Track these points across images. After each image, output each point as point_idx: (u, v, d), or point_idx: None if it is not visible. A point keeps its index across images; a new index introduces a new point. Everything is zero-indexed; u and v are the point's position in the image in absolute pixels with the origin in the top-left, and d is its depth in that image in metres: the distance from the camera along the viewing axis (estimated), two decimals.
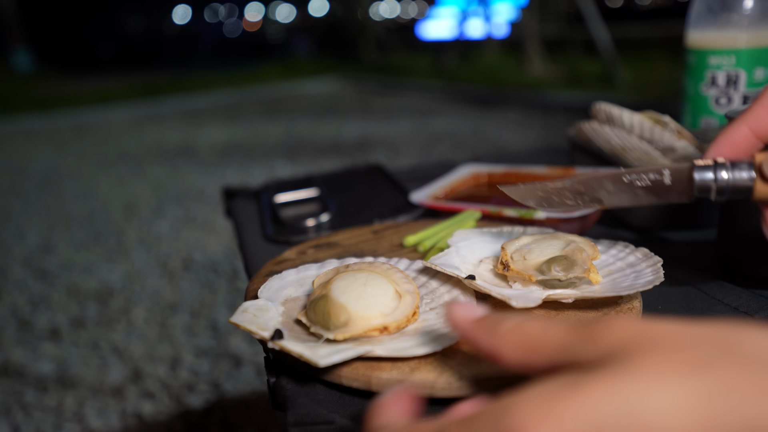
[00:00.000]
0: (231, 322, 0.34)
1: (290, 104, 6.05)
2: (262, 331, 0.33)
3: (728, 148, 0.31)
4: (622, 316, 0.21)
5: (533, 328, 0.23)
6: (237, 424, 1.32)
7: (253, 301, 0.36)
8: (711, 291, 0.42)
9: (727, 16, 0.59)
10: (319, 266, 0.42)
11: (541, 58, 6.10)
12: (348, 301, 0.34)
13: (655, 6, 9.64)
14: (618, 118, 0.60)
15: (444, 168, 0.77)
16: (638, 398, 0.18)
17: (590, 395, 0.18)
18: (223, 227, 2.53)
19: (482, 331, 0.25)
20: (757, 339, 0.19)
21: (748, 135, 0.30)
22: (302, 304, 0.38)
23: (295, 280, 0.41)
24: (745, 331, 0.19)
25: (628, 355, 0.19)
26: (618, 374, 0.19)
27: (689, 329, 0.20)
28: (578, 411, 0.18)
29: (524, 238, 0.41)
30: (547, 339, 0.22)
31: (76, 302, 1.93)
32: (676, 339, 0.20)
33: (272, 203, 0.67)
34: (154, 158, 3.98)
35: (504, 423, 0.19)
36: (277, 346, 0.32)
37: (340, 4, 11.39)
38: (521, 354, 0.23)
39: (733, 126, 0.31)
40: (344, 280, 0.36)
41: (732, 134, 0.31)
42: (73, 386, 1.48)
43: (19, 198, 3.25)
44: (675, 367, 0.18)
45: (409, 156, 3.54)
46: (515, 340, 0.23)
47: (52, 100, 6.86)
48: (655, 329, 0.20)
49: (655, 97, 4.14)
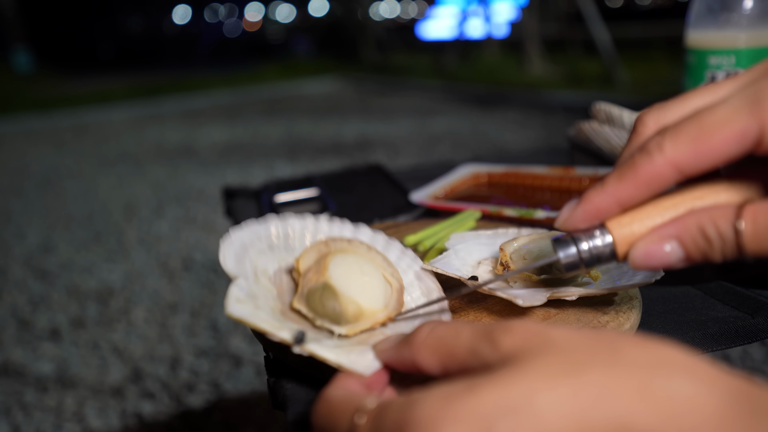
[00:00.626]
0: (233, 317, 0.29)
1: (290, 104, 6.05)
2: (278, 331, 0.29)
3: (593, 218, 0.30)
4: (523, 319, 0.23)
5: (444, 332, 0.24)
6: (237, 424, 1.32)
7: (238, 284, 0.31)
8: (710, 291, 0.42)
9: (727, 16, 0.59)
10: (282, 220, 0.39)
11: (541, 58, 6.10)
12: (355, 294, 0.33)
13: (655, 6, 9.64)
14: (618, 118, 0.60)
15: (444, 168, 0.77)
16: (524, 398, 0.19)
17: (483, 395, 0.20)
18: (223, 227, 2.53)
19: (399, 348, 0.26)
20: (632, 346, 0.21)
21: (612, 206, 0.30)
22: (286, 282, 0.35)
23: (258, 238, 0.36)
24: (623, 338, 0.21)
25: (521, 357, 0.21)
26: (509, 375, 0.20)
27: (576, 335, 0.22)
28: (472, 410, 0.20)
29: (521, 238, 0.41)
30: (458, 343, 0.23)
31: (76, 302, 1.93)
32: (564, 343, 0.21)
33: (272, 203, 0.67)
34: (154, 158, 3.98)
35: (406, 417, 0.20)
36: (305, 352, 0.29)
37: (340, 4, 11.39)
38: (438, 360, 0.24)
39: (601, 194, 0.29)
40: (339, 266, 0.34)
41: (598, 203, 0.30)
42: (73, 386, 1.48)
43: (19, 198, 3.25)
44: (559, 369, 0.20)
45: (409, 156, 3.54)
46: (430, 346, 0.24)
47: (52, 100, 6.86)
48: (548, 334, 0.22)
49: (655, 97, 4.11)
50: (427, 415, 0.20)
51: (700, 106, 0.29)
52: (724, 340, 0.36)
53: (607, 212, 0.30)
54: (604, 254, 0.30)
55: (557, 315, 0.37)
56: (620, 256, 0.30)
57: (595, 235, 0.30)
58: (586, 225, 0.30)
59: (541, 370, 0.20)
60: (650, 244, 0.29)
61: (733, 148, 0.27)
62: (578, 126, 0.66)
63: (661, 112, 0.31)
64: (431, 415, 0.20)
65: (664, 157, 0.27)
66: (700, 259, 0.28)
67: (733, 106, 0.26)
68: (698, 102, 0.30)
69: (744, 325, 0.37)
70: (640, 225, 0.30)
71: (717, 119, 0.27)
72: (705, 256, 0.28)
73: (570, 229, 0.31)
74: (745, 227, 0.26)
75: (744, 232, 0.26)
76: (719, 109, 0.27)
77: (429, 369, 0.25)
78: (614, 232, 0.30)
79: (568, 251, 0.31)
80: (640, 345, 0.21)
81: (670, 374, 0.19)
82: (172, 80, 8.24)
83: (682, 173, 0.28)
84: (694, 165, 0.27)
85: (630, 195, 0.29)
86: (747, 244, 0.26)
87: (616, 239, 0.30)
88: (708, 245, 0.28)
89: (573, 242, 0.31)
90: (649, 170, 0.28)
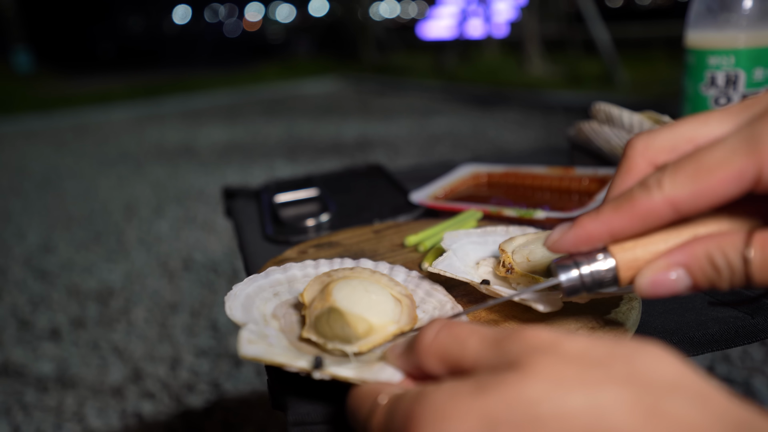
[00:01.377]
0: (247, 357, 0.30)
1: (290, 104, 6.05)
2: (295, 361, 0.29)
3: (584, 244, 0.30)
4: (533, 327, 0.22)
5: (449, 340, 0.24)
6: (237, 424, 1.32)
7: (247, 328, 0.32)
8: (710, 291, 0.42)
9: (727, 16, 0.59)
10: (283, 270, 0.40)
11: (541, 58, 6.10)
12: (362, 311, 0.33)
13: (655, 6, 9.64)
14: (618, 118, 0.60)
15: (444, 168, 0.77)
16: (530, 403, 0.20)
17: (489, 396, 0.20)
18: (223, 227, 2.53)
19: (407, 355, 0.27)
20: (649, 361, 0.21)
21: (604, 235, 0.30)
22: (295, 320, 0.36)
23: (261, 289, 0.38)
24: (639, 352, 0.21)
25: (530, 362, 0.21)
26: (516, 378, 0.20)
27: (593, 348, 0.21)
28: (477, 409, 0.20)
29: (519, 237, 0.41)
30: (465, 353, 0.23)
31: (76, 302, 1.93)
32: (579, 355, 0.21)
33: (272, 203, 0.67)
34: (154, 158, 3.98)
35: (415, 408, 0.21)
36: (327, 376, 0.29)
37: (340, 4, 11.39)
38: (445, 368, 0.24)
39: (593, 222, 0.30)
40: (343, 289, 0.34)
41: (590, 230, 0.30)
42: (73, 386, 1.48)
43: (19, 198, 3.25)
44: (572, 379, 0.20)
45: (409, 156, 3.54)
46: (436, 354, 0.25)
47: (52, 100, 6.86)
48: (562, 344, 0.22)
49: (655, 97, 4.14)
50: (433, 410, 0.21)
51: (689, 135, 0.29)
52: (724, 341, 0.36)
53: (598, 240, 0.30)
54: (606, 279, 0.30)
55: (557, 314, 0.37)
56: (623, 281, 0.30)
57: (597, 258, 0.30)
58: (575, 250, 0.30)
59: (551, 377, 0.20)
60: (657, 272, 0.28)
61: (730, 189, 0.27)
62: (578, 126, 0.66)
63: (650, 138, 0.31)
64: (437, 411, 0.21)
65: (663, 195, 0.28)
66: (707, 287, 0.28)
67: (731, 147, 0.26)
68: (686, 130, 0.30)
69: (744, 325, 0.37)
70: (644, 250, 0.29)
71: (715, 159, 0.27)
72: (712, 285, 0.28)
73: (558, 251, 0.31)
74: (754, 255, 0.26)
75: (753, 260, 0.26)
76: (717, 150, 0.27)
77: (437, 375, 0.25)
78: (617, 256, 0.29)
79: (569, 274, 0.30)
80: (657, 363, 0.21)
81: (682, 400, 0.20)
82: (172, 80, 8.24)
83: (678, 212, 0.28)
84: (691, 204, 0.27)
85: (623, 227, 0.29)
86: (756, 273, 0.26)
87: (619, 264, 0.29)
88: (716, 274, 0.27)
89: (575, 266, 0.30)
90: (646, 205, 0.28)
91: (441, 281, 0.41)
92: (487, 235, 0.45)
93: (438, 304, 0.38)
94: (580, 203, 0.60)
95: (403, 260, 0.49)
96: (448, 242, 0.43)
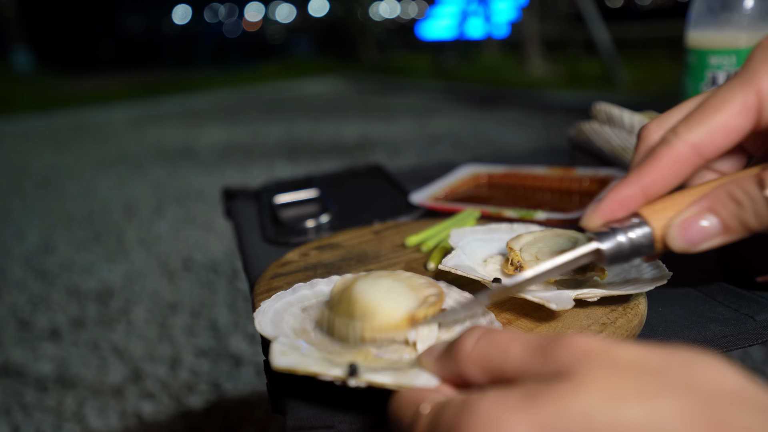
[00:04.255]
0: (281, 369, 0.29)
1: (290, 104, 6.05)
2: (329, 370, 0.29)
3: (619, 209, 0.31)
4: (579, 334, 0.22)
5: (491, 348, 0.24)
6: (237, 424, 1.32)
7: (279, 341, 0.32)
8: (712, 293, 0.41)
9: (728, 16, 0.58)
10: (310, 286, 0.40)
11: (541, 58, 6.09)
12: (375, 296, 0.33)
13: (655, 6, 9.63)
14: (618, 118, 0.60)
15: (444, 168, 0.77)
16: (585, 415, 0.19)
17: (540, 407, 0.19)
18: (223, 227, 2.53)
19: (445, 361, 0.26)
20: (708, 372, 0.20)
21: (638, 195, 0.31)
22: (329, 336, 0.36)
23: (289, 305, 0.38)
24: (697, 362, 0.20)
25: (579, 372, 0.20)
26: (567, 389, 0.19)
27: (647, 356, 0.20)
28: (527, 421, 0.19)
29: (526, 235, 0.41)
30: (508, 361, 0.23)
31: (76, 302, 1.93)
32: (633, 364, 0.20)
33: (272, 204, 0.67)
34: (154, 158, 3.98)
35: (461, 418, 0.20)
36: (362, 383, 0.28)
37: (340, 4, 11.39)
38: (487, 377, 0.24)
39: (624, 186, 0.31)
40: (363, 282, 0.34)
41: (623, 195, 0.31)
42: (73, 386, 1.48)
43: (19, 198, 3.25)
44: (628, 390, 0.19)
45: (409, 156, 3.54)
46: (477, 362, 0.24)
47: (52, 100, 6.86)
48: (614, 352, 0.21)
49: (655, 97, 4.14)
50: (481, 420, 0.20)
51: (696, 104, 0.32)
52: (726, 342, 0.36)
53: (633, 202, 0.31)
54: (643, 243, 0.30)
55: (568, 312, 0.37)
56: (658, 242, 0.30)
57: (632, 224, 0.30)
58: (614, 216, 0.31)
59: (605, 387, 0.19)
60: (685, 218, 0.30)
61: (740, 121, 0.29)
62: (578, 126, 0.66)
63: (662, 120, 0.33)
64: (485, 421, 0.20)
65: (682, 140, 0.30)
66: (737, 225, 0.29)
67: (732, 85, 0.30)
68: (693, 104, 0.32)
69: (746, 326, 0.37)
70: (674, 210, 0.30)
71: (719, 98, 0.30)
72: (740, 221, 0.29)
73: (599, 223, 0.31)
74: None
75: None
76: (720, 91, 0.30)
77: (477, 383, 0.24)
78: (651, 218, 0.30)
79: (607, 241, 0.30)
80: (716, 373, 0.20)
81: (744, 411, 0.19)
82: (172, 80, 8.23)
83: (700, 154, 0.30)
84: (710, 144, 0.30)
85: (654, 182, 0.30)
86: None
87: (654, 226, 0.30)
88: (739, 208, 0.29)
89: (612, 233, 0.30)
90: (671, 155, 0.30)
91: (449, 279, 0.41)
92: (493, 233, 0.45)
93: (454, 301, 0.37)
94: (580, 204, 0.60)
95: (406, 260, 0.48)
96: (456, 239, 0.44)
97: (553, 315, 0.37)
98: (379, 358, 0.32)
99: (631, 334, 0.35)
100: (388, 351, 0.32)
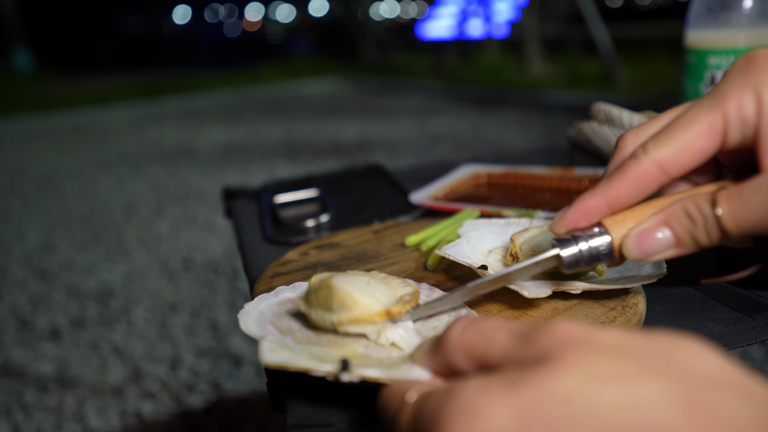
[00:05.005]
0: (271, 365, 0.30)
1: (290, 104, 6.05)
2: (321, 365, 0.30)
3: (584, 218, 0.33)
4: (564, 320, 0.22)
5: (476, 336, 0.24)
6: (237, 424, 1.32)
7: (267, 339, 0.32)
8: (710, 292, 0.42)
9: (727, 16, 0.59)
10: (293, 288, 0.40)
11: (541, 58, 6.09)
12: (351, 289, 0.33)
13: (655, 6, 9.63)
14: (618, 118, 0.60)
15: (444, 168, 0.77)
16: (564, 397, 0.19)
17: (521, 390, 0.19)
18: (223, 227, 2.53)
19: (434, 353, 0.26)
20: (687, 354, 0.20)
21: (603, 206, 0.32)
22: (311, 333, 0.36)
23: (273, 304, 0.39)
24: (677, 345, 0.20)
25: (561, 356, 0.20)
26: (549, 372, 0.20)
27: (625, 338, 0.21)
28: (509, 405, 0.19)
29: (532, 230, 0.42)
30: (493, 348, 0.23)
31: (76, 302, 1.93)
32: (613, 348, 0.20)
33: (272, 204, 0.67)
34: (154, 158, 3.98)
35: (444, 405, 0.21)
36: (355, 377, 0.28)
37: (340, 4, 11.39)
38: (473, 364, 0.24)
39: (591, 197, 0.33)
40: (344, 278, 0.35)
41: (589, 205, 0.33)
42: (73, 386, 1.48)
43: (19, 198, 3.25)
44: (607, 373, 0.19)
45: (409, 156, 3.54)
46: (463, 350, 0.24)
47: (52, 100, 6.86)
48: (594, 337, 0.21)
49: (655, 97, 4.14)
50: (462, 406, 0.20)
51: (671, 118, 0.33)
52: (725, 341, 0.36)
53: (597, 212, 0.32)
54: (602, 251, 0.32)
55: (566, 311, 0.37)
56: (616, 251, 0.32)
57: (593, 233, 0.32)
58: (577, 225, 0.33)
59: (585, 370, 0.19)
60: (640, 229, 0.31)
61: (706, 142, 0.31)
62: (578, 126, 0.66)
63: (639, 131, 0.34)
64: (466, 407, 0.20)
65: (650, 158, 0.31)
66: (688, 240, 0.31)
67: (700, 107, 0.31)
68: (669, 118, 0.33)
69: (744, 325, 0.37)
70: (634, 222, 0.32)
71: (688, 118, 0.31)
72: (692, 236, 0.31)
73: (564, 230, 0.33)
74: (721, 208, 0.29)
75: (722, 215, 0.29)
76: (689, 111, 0.31)
77: (464, 371, 0.25)
78: (611, 228, 0.32)
79: (568, 248, 0.32)
80: (696, 356, 0.20)
81: (724, 393, 0.19)
82: (172, 80, 8.24)
83: (665, 172, 0.31)
84: (675, 162, 0.31)
85: (619, 195, 0.32)
86: (727, 224, 0.29)
87: (613, 236, 0.32)
88: (692, 224, 0.30)
89: (573, 240, 0.32)
90: (637, 170, 0.31)
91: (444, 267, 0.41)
92: (509, 226, 0.46)
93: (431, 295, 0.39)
94: None
95: (406, 260, 0.49)
96: (466, 229, 0.45)
97: (550, 313, 0.37)
98: (368, 357, 0.32)
99: None
100: (375, 350, 0.33)
